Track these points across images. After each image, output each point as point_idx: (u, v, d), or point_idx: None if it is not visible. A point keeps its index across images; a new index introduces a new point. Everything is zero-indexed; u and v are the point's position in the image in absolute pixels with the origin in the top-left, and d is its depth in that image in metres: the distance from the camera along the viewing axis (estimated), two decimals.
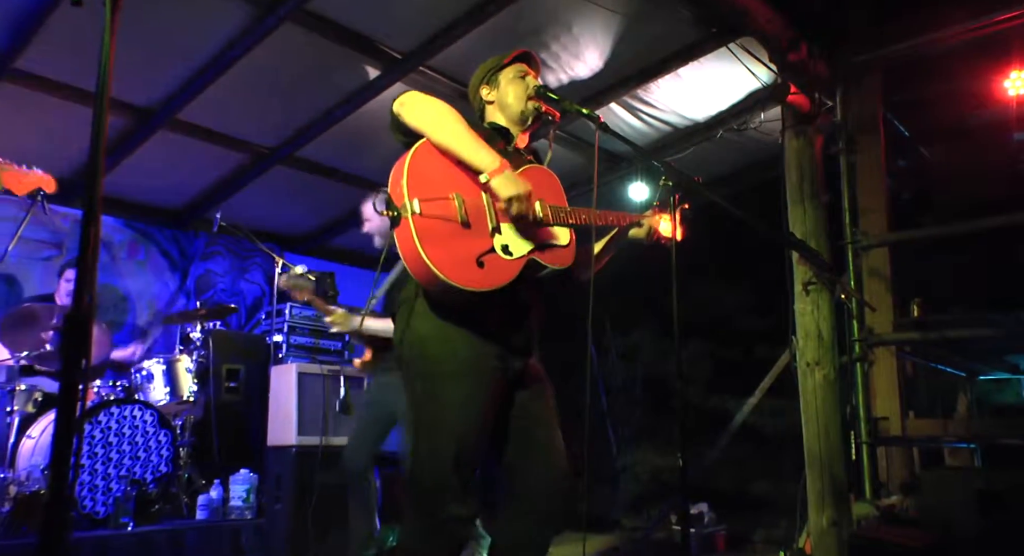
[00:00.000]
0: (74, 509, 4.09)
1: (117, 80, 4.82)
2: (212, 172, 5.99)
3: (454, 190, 2.16)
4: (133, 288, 6.23)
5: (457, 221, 2.13)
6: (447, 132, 2.18)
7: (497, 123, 2.51)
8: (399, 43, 4.66)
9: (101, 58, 1.13)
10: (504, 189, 2.13)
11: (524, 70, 2.53)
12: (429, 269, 2.03)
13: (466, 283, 2.07)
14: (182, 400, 4.91)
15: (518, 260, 2.21)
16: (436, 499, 2.12)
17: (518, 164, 2.39)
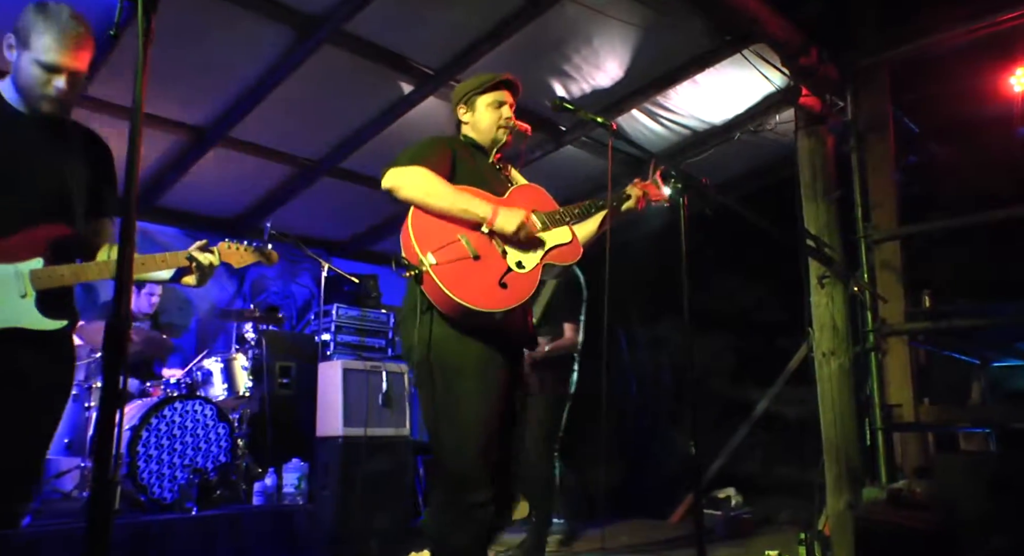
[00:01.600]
0: (144, 495, 4.24)
1: (176, 103, 5.07)
2: (263, 184, 6.11)
3: (457, 232, 2.32)
4: (194, 293, 6.42)
5: (470, 257, 2.29)
6: (441, 203, 2.32)
7: (472, 140, 2.65)
8: (430, 60, 4.74)
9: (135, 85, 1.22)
10: (507, 226, 2.32)
11: (502, 99, 2.65)
12: (464, 307, 2.21)
13: (498, 306, 2.26)
14: (239, 395, 5.05)
15: (534, 270, 2.39)
16: (463, 486, 2.23)
17: (502, 183, 2.59)
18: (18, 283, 2.01)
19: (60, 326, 2.06)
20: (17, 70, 2.08)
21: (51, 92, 2.08)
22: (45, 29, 2.03)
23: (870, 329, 4.08)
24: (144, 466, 4.25)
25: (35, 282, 2.02)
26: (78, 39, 2.06)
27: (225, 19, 4.11)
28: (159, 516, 4.14)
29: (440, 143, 2.53)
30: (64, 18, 2.05)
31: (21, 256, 2.03)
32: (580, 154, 5.91)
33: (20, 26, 2.06)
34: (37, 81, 2.06)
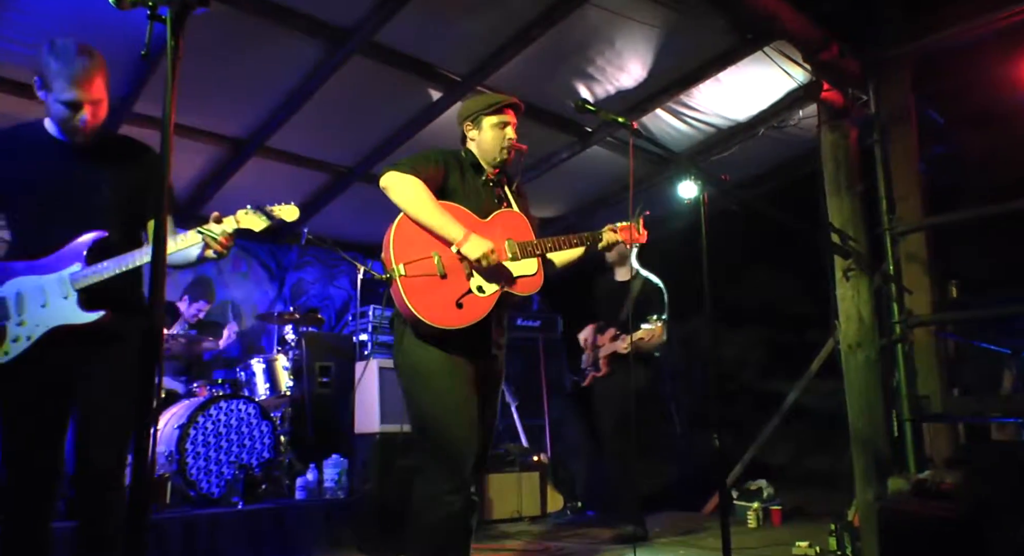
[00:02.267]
0: (193, 490, 4.36)
1: (216, 116, 5.20)
2: (299, 191, 6.19)
3: (433, 248, 2.50)
4: (238, 296, 6.58)
5: (437, 275, 2.47)
6: (421, 214, 2.49)
7: (473, 156, 2.78)
8: (456, 67, 4.80)
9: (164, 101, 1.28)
10: (472, 253, 2.46)
11: (506, 120, 2.78)
12: (417, 318, 2.42)
13: (446, 324, 2.45)
14: (280, 394, 5.16)
15: (491, 296, 2.57)
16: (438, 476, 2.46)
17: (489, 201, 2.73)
18: (61, 287, 2.24)
19: (96, 317, 2.24)
20: (48, 110, 2.27)
21: (79, 125, 2.25)
22: (57, 71, 2.18)
23: (896, 321, 4.03)
24: (192, 462, 4.37)
25: (75, 282, 2.24)
26: (88, 73, 2.19)
27: (260, 35, 4.21)
28: (207, 510, 4.23)
29: (438, 158, 2.66)
30: (71, 55, 2.19)
31: (64, 265, 2.27)
32: (606, 154, 5.93)
33: (40, 69, 2.21)
34: (64, 118, 2.24)
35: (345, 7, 4.15)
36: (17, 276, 2.28)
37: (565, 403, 7.00)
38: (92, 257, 2.28)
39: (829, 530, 3.99)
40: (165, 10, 1.36)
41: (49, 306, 2.24)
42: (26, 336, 2.22)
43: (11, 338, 2.22)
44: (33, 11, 3.80)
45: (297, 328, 5.60)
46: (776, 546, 4.27)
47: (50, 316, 2.24)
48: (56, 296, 2.24)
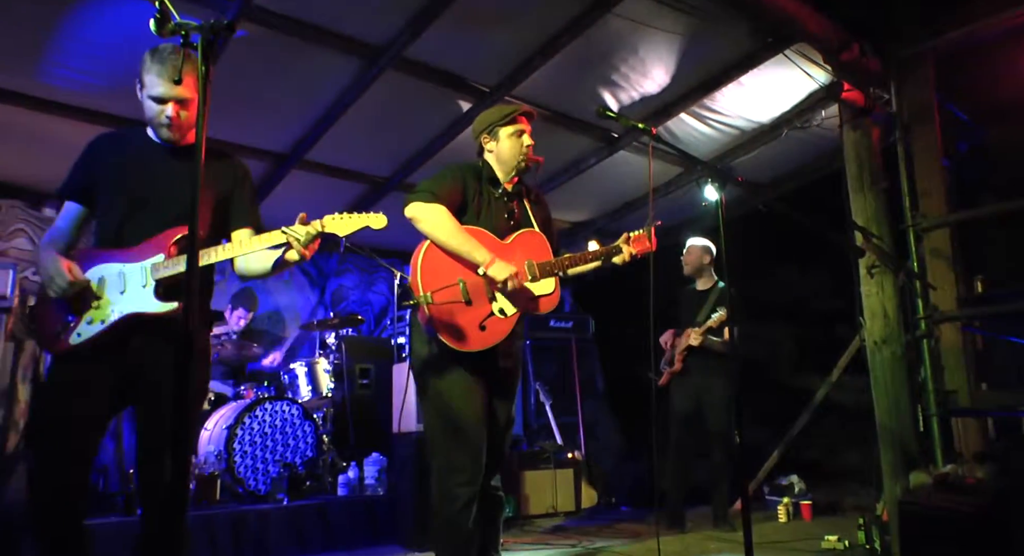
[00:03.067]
0: (241, 487, 4.48)
1: (258, 132, 5.34)
2: (338, 202, 6.26)
3: (459, 275, 2.57)
4: (282, 303, 6.73)
5: (462, 301, 2.55)
6: (449, 242, 2.55)
7: (491, 168, 2.82)
8: (485, 78, 4.85)
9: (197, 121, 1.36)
10: (498, 276, 2.54)
11: (522, 129, 2.82)
12: (443, 343, 2.51)
13: (471, 347, 2.54)
14: (322, 396, 5.27)
15: (512, 317, 2.64)
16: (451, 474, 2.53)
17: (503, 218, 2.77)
18: (141, 276, 2.24)
19: (171, 308, 2.22)
20: (143, 107, 2.31)
21: (164, 121, 2.28)
22: (150, 67, 2.24)
23: (921, 316, 3.97)
24: (240, 461, 4.49)
25: (154, 273, 2.24)
26: (176, 69, 2.18)
27: (298, 54, 4.32)
28: (255, 506, 4.33)
29: (455, 175, 2.72)
30: (166, 54, 2.24)
31: (147, 255, 2.27)
32: (633, 158, 5.93)
33: (140, 70, 2.28)
34: (153, 114, 2.29)
35: (377, 25, 4.24)
36: (102, 262, 2.28)
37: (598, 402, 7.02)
38: (177, 251, 2.28)
39: (858, 524, 3.95)
40: (197, 38, 1.42)
41: (127, 293, 2.23)
42: (100, 320, 2.21)
43: (86, 320, 2.21)
44: (93, 42, 3.97)
45: (337, 333, 5.71)
46: (805, 540, 4.24)
47: (126, 302, 2.23)
48: (135, 284, 2.23)
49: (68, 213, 2.40)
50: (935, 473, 3.17)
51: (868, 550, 3.78)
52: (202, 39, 1.42)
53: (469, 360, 2.58)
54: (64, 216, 2.40)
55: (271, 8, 3.96)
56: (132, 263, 2.26)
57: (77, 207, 2.39)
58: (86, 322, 2.20)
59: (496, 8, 4.18)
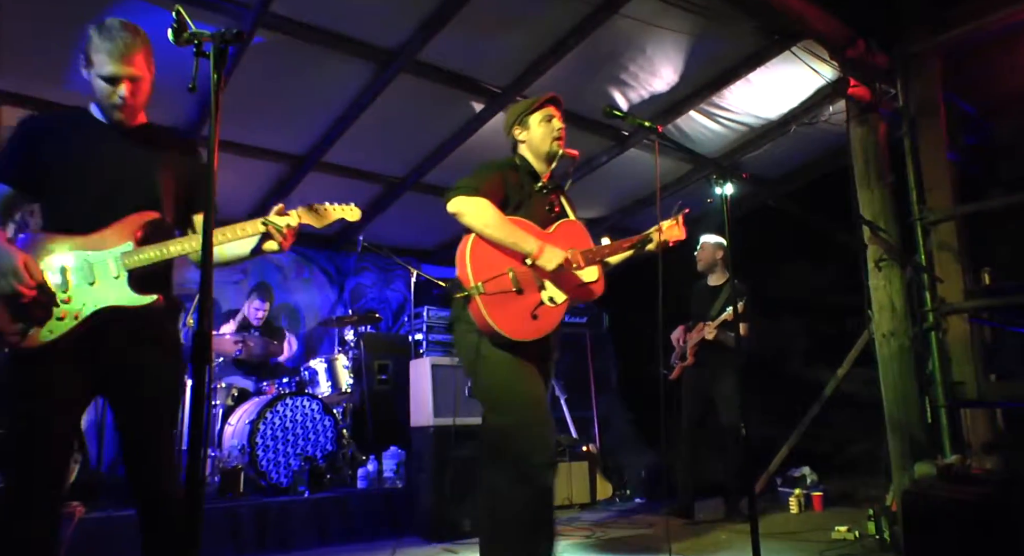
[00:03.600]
0: (264, 480, 4.54)
1: (277, 135, 5.39)
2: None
3: (508, 265, 2.52)
4: (302, 301, 6.80)
5: (513, 290, 2.50)
6: (496, 233, 2.51)
7: (528, 161, 2.78)
8: (496, 79, 4.88)
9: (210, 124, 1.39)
10: (549, 264, 2.51)
11: (551, 113, 2.79)
12: (499, 333, 2.44)
13: (525, 336, 2.48)
14: (342, 391, 5.31)
15: (562, 305, 2.61)
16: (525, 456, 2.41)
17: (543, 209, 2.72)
18: (111, 266, 2.08)
19: (150, 301, 2.09)
20: (91, 87, 2.15)
21: (117, 101, 2.13)
22: (100, 45, 2.07)
23: (929, 309, 3.95)
24: (263, 455, 4.56)
25: (125, 263, 2.08)
26: (129, 47, 2.09)
27: (314, 59, 4.37)
28: (277, 498, 4.39)
29: (494, 171, 2.66)
30: (115, 31, 2.09)
31: (114, 243, 2.10)
32: (643, 155, 5.93)
33: (84, 47, 2.11)
34: (104, 94, 2.13)
35: (390, 30, 4.28)
36: (59, 250, 2.07)
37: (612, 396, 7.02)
38: (143, 239, 2.14)
39: (868, 515, 3.93)
40: (209, 46, 1.46)
41: (98, 284, 2.05)
42: (72, 315, 2.02)
43: (56, 316, 2.00)
44: None
45: (356, 329, 5.76)
46: (816, 531, 4.23)
47: (100, 295, 2.05)
48: (106, 274, 2.06)
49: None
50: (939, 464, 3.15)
51: (878, 540, 3.76)
52: (214, 48, 1.45)
53: (523, 350, 2.51)
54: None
55: (287, 15, 4.02)
56: (97, 251, 2.08)
57: (5, 189, 2.14)
58: (56, 317, 2.00)
59: (504, 12, 4.20)
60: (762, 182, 6.25)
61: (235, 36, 1.45)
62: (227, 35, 1.45)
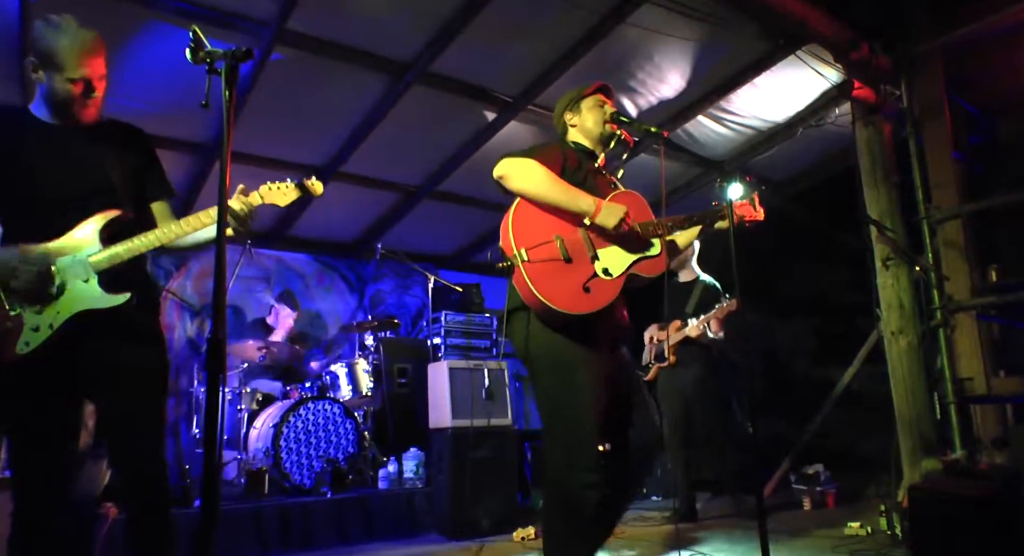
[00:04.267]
0: (287, 481, 4.58)
1: (296, 148, 5.46)
2: (374, 210, 6.42)
3: (554, 232, 2.28)
4: (323, 308, 6.86)
5: (561, 259, 2.24)
6: (549, 192, 2.28)
7: (581, 144, 2.62)
8: (508, 88, 4.90)
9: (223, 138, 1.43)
10: (609, 221, 2.26)
11: (602, 100, 2.64)
12: (546, 305, 2.17)
13: (576, 309, 2.19)
14: (362, 395, 5.34)
15: (618, 278, 2.31)
16: (572, 469, 2.19)
17: (604, 185, 2.52)
18: (80, 269, 2.01)
19: (122, 300, 2.02)
20: (50, 91, 2.06)
21: (88, 103, 2.09)
22: (68, 47, 2.00)
23: (936, 306, 3.91)
24: (286, 457, 4.61)
25: (95, 265, 2.02)
26: (96, 48, 2.05)
27: (330, 73, 4.43)
28: (300, 498, 4.43)
29: (552, 145, 2.48)
30: (76, 30, 2.03)
31: (80, 246, 2.04)
32: (653, 160, 5.93)
33: (42, 48, 2.01)
34: (73, 96, 2.05)
35: (402, 43, 4.33)
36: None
37: None
38: (107, 238, 2.07)
39: (880, 511, 3.90)
40: (221, 64, 1.50)
41: (69, 290, 1.99)
42: (48, 324, 1.95)
43: (30, 326, 1.93)
44: (146, 72, 4.13)
45: (376, 335, 5.81)
46: (829, 527, 4.20)
47: (72, 301, 1.98)
48: (75, 279, 1.99)
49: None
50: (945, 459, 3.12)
51: (890, 536, 3.73)
52: (225, 65, 1.49)
53: (582, 337, 2.26)
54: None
55: (303, 31, 4.08)
56: (63, 257, 2.01)
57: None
58: (31, 328, 1.93)
59: (513, 23, 4.24)
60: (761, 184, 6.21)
61: (244, 54, 1.49)
62: (237, 53, 1.49)
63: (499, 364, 5.23)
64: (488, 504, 4.56)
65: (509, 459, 4.79)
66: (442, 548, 4.20)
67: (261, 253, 6.24)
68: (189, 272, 6.17)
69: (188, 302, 5.79)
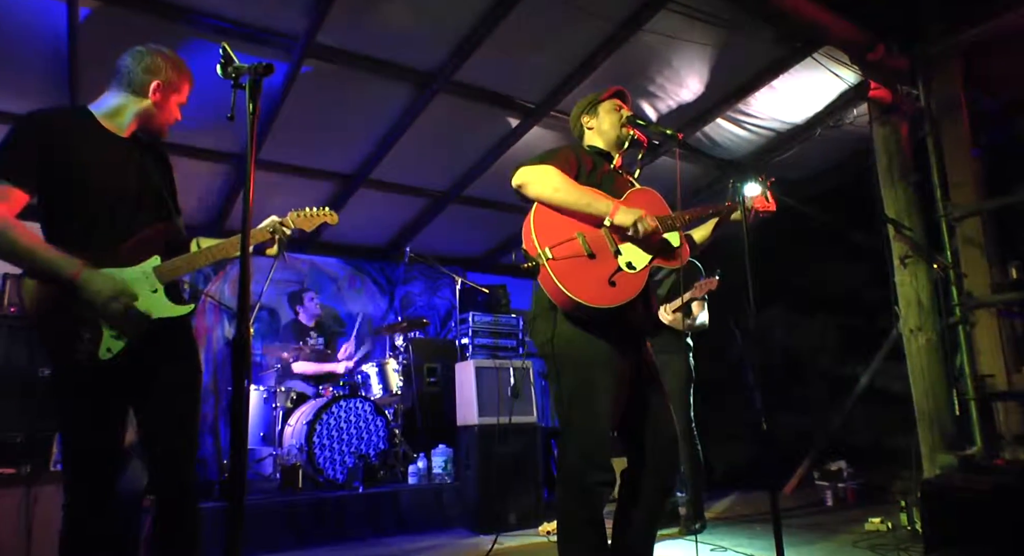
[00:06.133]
0: (321, 476, 4.65)
1: (327, 157, 5.54)
2: (403, 215, 6.49)
3: (576, 230, 2.30)
4: (355, 310, 6.94)
5: (584, 255, 2.26)
6: (567, 197, 2.30)
7: (597, 146, 2.63)
8: (530, 96, 4.93)
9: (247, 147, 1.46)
10: (625, 221, 2.28)
11: (619, 104, 2.65)
12: (573, 301, 2.18)
13: (603, 303, 2.21)
14: (392, 393, 5.40)
15: (642, 271, 2.33)
16: (587, 467, 2.20)
17: (621, 184, 2.53)
18: (147, 281, 2.05)
19: (189, 310, 2.11)
20: (161, 110, 2.18)
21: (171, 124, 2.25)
22: (188, 78, 2.23)
23: (956, 304, 3.84)
24: (319, 453, 4.68)
25: (160, 277, 2.06)
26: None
27: (358, 85, 4.51)
28: (333, 493, 4.49)
29: (565, 148, 2.49)
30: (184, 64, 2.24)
31: (141, 258, 2.07)
32: (673, 163, 5.90)
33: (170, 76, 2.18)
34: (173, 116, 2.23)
35: (427, 53, 4.38)
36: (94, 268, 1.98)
37: None
38: (166, 252, 2.12)
39: (900, 506, 3.84)
40: (245, 78, 1.55)
41: (141, 300, 2.02)
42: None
43: (111, 334, 1.97)
44: None
45: (406, 335, 5.86)
46: (850, 523, 4.15)
47: (149, 310, 2.03)
48: (144, 290, 2.03)
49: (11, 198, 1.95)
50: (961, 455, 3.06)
51: (910, 531, 3.67)
52: (249, 80, 1.54)
53: (609, 334, 2.27)
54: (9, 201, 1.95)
55: (332, 45, 4.15)
56: (129, 268, 2.03)
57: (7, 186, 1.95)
58: (111, 335, 1.97)
59: (534, 32, 4.26)
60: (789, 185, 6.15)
61: (266, 69, 1.53)
62: (259, 68, 1.53)
63: (525, 363, 5.24)
64: (514, 499, 4.57)
65: (534, 455, 4.80)
66: (470, 540, 4.23)
67: (295, 258, 6.34)
68: (227, 276, 6.29)
69: (225, 305, 5.90)
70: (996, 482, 2.61)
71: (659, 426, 2.37)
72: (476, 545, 4.08)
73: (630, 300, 2.25)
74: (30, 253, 1.92)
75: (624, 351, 2.31)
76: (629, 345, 2.34)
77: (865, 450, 5.60)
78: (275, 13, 3.89)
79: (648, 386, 2.41)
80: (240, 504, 1.41)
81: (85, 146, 2.05)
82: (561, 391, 2.31)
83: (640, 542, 2.37)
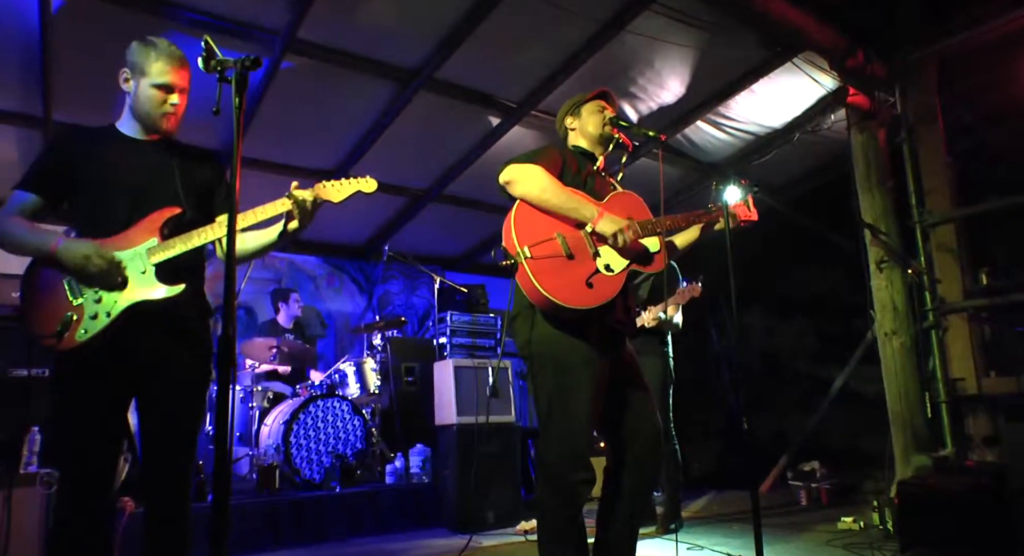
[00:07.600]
0: (298, 476, 4.59)
1: (307, 153, 5.47)
2: (382, 214, 6.44)
3: (556, 230, 2.29)
4: (333, 309, 6.88)
5: (563, 255, 2.25)
6: (552, 198, 2.30)
7: (581, 147, 2.62)
8: (511, 95, 4.93)
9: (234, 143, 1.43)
10: (607, 229, 2.28)
11: (603, 105, 2.64)
12: (549, 300, 2.18)
13: (580, 304, 2.20)
14: (370, 393, 5.35)
15: (620, 274, 2.32)
16: (568, 466, 2.21)
17: (604, 187, 2.52)
18: (139, 261, 2.04)
19: (178, 291, 2.05)
20: (136, 97, 2.15)
21: (169, 109, 2.16)
22: (156, 57, 2.11)
23: (929, 308, 3.90)
24: (296, 453, 4.62)
25: (151, 257, 2.05)
26: (181, 61, 2.16)
27: (339, 81, 4.46)
28: (311, 493, 4.42)
29: (552, 148, 2.48)
30: (167, 46, 2.15)
31: (140, 240, 2.08)
32: (654, 164, 5.94)
33: (133, 60, 2.14)
34: (155, 102, 2.14)
35: (409, 51, 4.35)
36: None
37: None
38: (167, 233, 2.11)
39: (872, 506, 3.89)
40: (231, 72, 1.51)
41: (128, 282, 2.02)
42: (105, 312, 1.98)
43: (89, 314, 1.96)
44: None
45: (383, 334, 5.82)
46: (823, 522, 4.19)
47: (130, 291, 2.01)
48: (134, 271, 2.03)
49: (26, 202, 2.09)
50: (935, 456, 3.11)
51: (881, 530, 3.72)
52: (235, 74, 1.50)
53: (587, 335, 2.27)
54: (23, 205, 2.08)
55: (313, 40, 4.10)
56: (126, 250, 2.05)
57: (33, 197, 2.09)
58: (89, 316, 1.96)
59: (517, 31, 4.25)
60: (767, 188, 6.22)
61: (253, 62, 1.50)
62: (246, 62, 1.50)
63: (504, 363, 5.23)
64: (493, 498, 4.55)
65: (513, 455, 4.79)
66: (448, 541, 4.21)
67: (273, 255, 6.25)
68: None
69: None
70: (972, 483, 2.65)
71: (641, 424, 2.37)
72: (454, 544, 4.05)
73: (607, 302, 2.26)
74: (22, 238, 2.03)
75: (603, 351, 2.31)
76: (608, 345, 2.34)
77: (838, 451, 5.68)
78: (255, 7, 3.83)
79: (629, 385, 2.41)
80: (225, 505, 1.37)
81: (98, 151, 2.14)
82: (540, 391, 2.30)
83: (623, 539, 2.37)
